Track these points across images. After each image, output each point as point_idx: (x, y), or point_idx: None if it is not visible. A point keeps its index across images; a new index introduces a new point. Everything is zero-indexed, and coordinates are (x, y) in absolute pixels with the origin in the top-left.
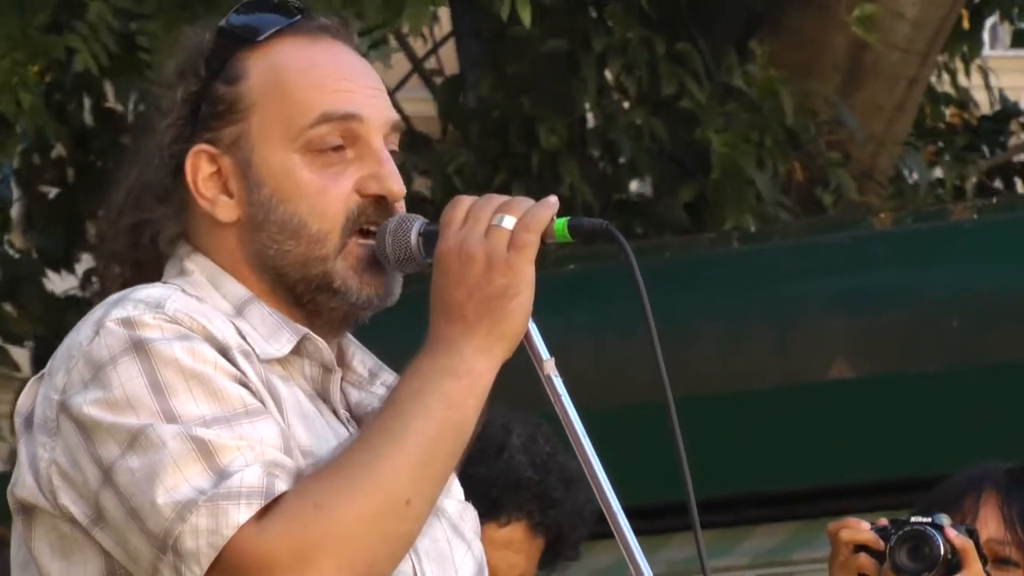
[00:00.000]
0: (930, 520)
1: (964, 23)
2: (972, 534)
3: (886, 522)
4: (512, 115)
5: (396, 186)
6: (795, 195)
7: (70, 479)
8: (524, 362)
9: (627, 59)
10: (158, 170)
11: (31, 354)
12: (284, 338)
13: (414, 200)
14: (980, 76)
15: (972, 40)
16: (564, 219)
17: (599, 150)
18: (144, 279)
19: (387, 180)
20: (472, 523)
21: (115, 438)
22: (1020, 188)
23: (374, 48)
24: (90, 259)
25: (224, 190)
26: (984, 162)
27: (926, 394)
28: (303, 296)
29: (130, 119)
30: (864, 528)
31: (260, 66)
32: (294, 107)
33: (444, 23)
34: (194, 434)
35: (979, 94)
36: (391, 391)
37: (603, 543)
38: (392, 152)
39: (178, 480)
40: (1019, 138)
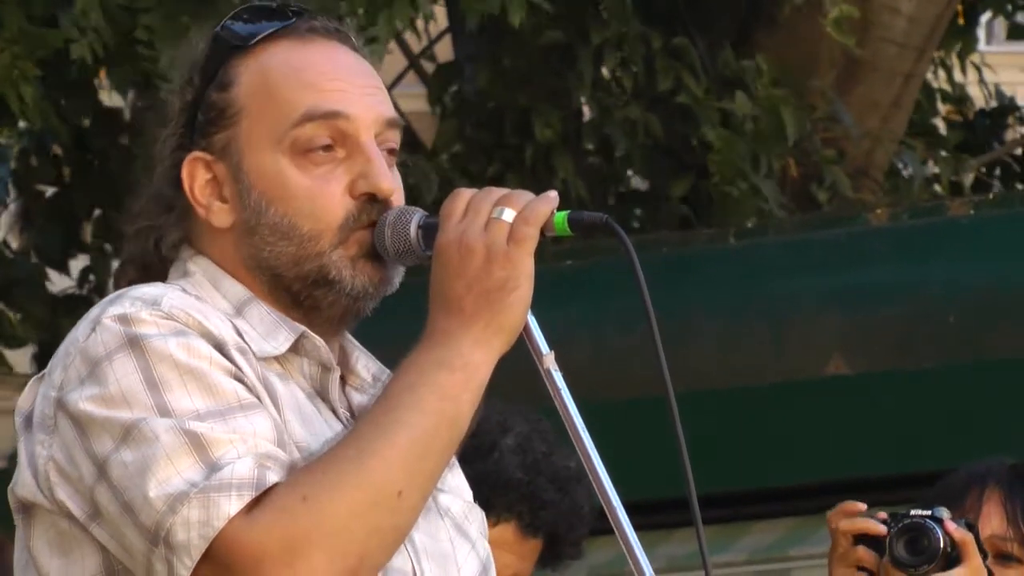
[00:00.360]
0: (930, 513)
1: (959, 19)
2: (972, 528)
3: (885, 516)
4: (507, 107)
5: (385, 184)
6: (790, 192)
7: (67, 475)
8: (524, 356)
9: (623, 53)
10: (160, 179)
11: (31, 356)
12: (282, 336)
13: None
14: (975, 72)
15: (967, 36)
16: (564, 212)
17: (594, 144)
18: (150, 281)
19: (376, 178)
20: (478, 523)
21: (109, 432)
22: (1017, 183)
23: (367, 45)
24: (86, 258)
25: (219, 196)
26: (980, 158)
27: (923, 390)
28: (300, 294)
29: (127, 116)
30: (861, 508)
31: (249, 71)
32: (279, 108)
33: (440, 19)
34: (187, 427)
35: (973, 90)
36: (387, 384)
37: (603, 539)
38: (391, 150)
39: (170, 473)
40: (1015, 133)
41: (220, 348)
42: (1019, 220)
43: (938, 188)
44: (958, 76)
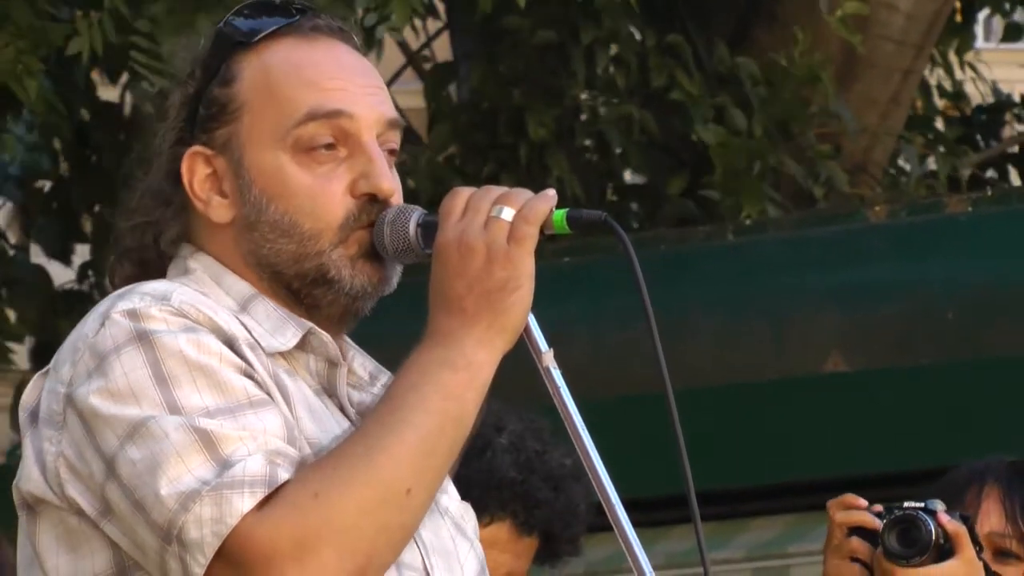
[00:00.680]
0: (923, 505)
1: (957, 16)
2: (966, 520)
3: (881, 508)
4: (502, 106)
5: (386, 184)
6: (786, 189)
7: (77, 472)
8: (522, 354)
9: (617, 51)
10: (158, 173)
11: (29, 350)
12: (289, 332)
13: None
14: (971, 69)
15: (965, 33)
16: (563, 210)
17: (589, 141)
18: (148, 278)
19: (377, 179)
20: (472, 523)
21: (115, 429)
22: (1014, 180)
23: (368, 41)
24: (86, 252)
25: (218, 191)
26: (978, 154)
27: (921, 387)
28: (300, 291)
29: (126, 112)
30: (861, 504)
31: (252, 67)
32: (282, 106)
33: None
34: (197, 425)
35: (969, 87)
36: (391, 383)
37: (601, 535)
38: (391, 150)
39: (181, 471)
40: (1012, 129)
41: (231, 344)
42: (1017, 217)
43: (935, 184)
44: (954, 72)
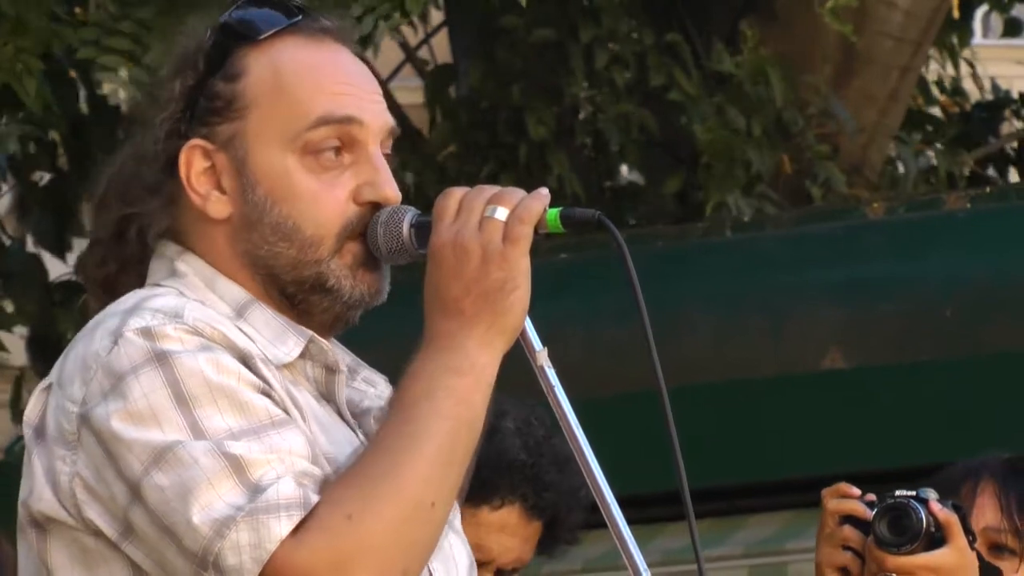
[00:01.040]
0: (914, 494)
1: (955, 12)
2: (958, 509)
3: (874, 497)
4: (501, 105)
5: (392, 192)
6: (783, 188)
7: (95, 493)
8: (516, 352)
9: (615, 50)
10: (152, 162)
11: (25, 342)
12: (291, 342)
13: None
14: (969, 66)
15: (963, 29)
16: (556, 209)
17: (588, 140)
18: (128, 277)
19: (383, 187)
20: (458, 518)
21: (140, 454)
22: (1013, 176)
23: (364, 41)
24: (83, 245)
25: (217, 186)
26: (977, 151)
27: (920, 384)
28: (295, 297)
29: (124, 108)
30: (854, 494)
31: (260, 64)
32: (293, 108)
33: (439, 14)
34: (225, 450)
35: (968, 84)
36: (398, 393)
37: (596, 533)
38: (385, 156)
39: (212, 497)
40: (1011, 126)
41: (246, 361)
42: (1016, 213)
43: (934, 181)
44: (952, 70)
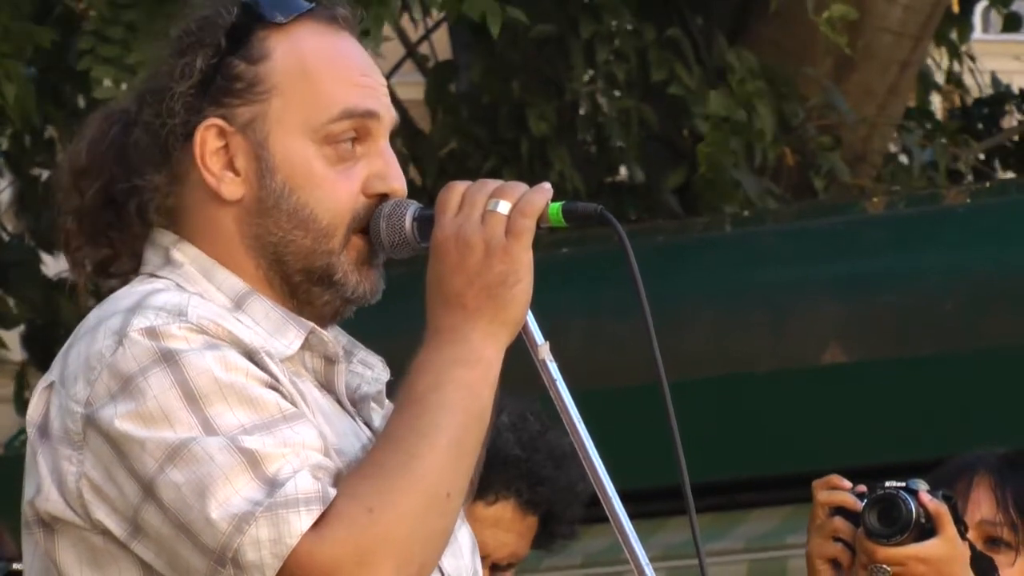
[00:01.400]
0: (904, 484)
1: (955, 7)
2: (949, 499)
3: (865, 488)
4: (502, 100)
5: (400, 185)
6: (786, 180)
7: (103, 494)
8: (518, 346)
9: (616, 46)
10: (157, 135)
11: (20, 337)
12: (291, 334)
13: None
14: (969, 60)
15: (963, 24)
16: (558, 204)
17: (589, 135)
18: (121, 260)
19: (393, 180)
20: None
21: (153, 452)
22: (1013, 171)
23: (366, 35)
24: None
25: (230, 167)
26: (978, 145)
27: (920, 378)
28: (299, 287)
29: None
30: (845, 486)
31: (283, 49)
32: (318, 98)
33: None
34: (240, 445)
35: (967, 78)
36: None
37: (598, 527)
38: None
39: (229, 492)
40: (1012, 120)
41: (252, 356)
42: (1016, 207)
43: (935, 175)
44: (952, 64)
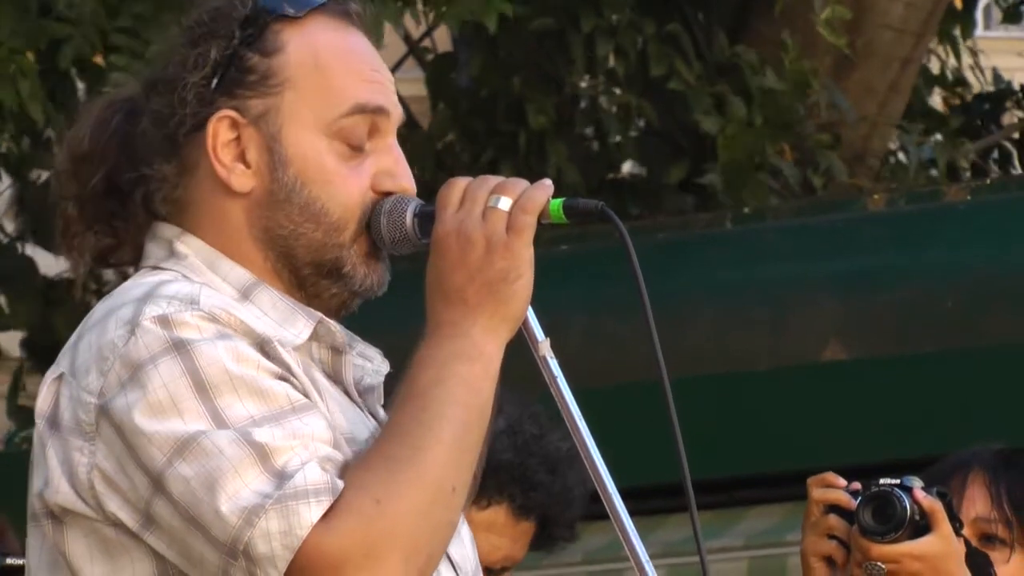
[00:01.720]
0: (898, 482)
1: (957, 2)
2: (943, 496)
3: (859, 486)
4: (501, 94)
5: (409, 184)
6: (785, 177)
7: (115, 485)
8: (519, 343)
9: (616, 40)
10: (165, 125)
11: (20, 338)
12: (300, 323)
13: None
14: (971, 57)
15: (965, 20)
16: (559, 200)
17: (589, 131)
18: (122, 250)
19: (402, 178)
20: None
21: (162, 446)
22: (1015, 166)
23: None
24: None
25: (241, 159)
26: (978, 142)
27: (921, 376)
28: (307, 280)
29: None
30: (840, 484)
31: (297, 42)
32: (332, 93)
33: None
34: (249, 438)
35: (969, 75)
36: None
37: (598, 524)
38: None
39: (238, 486)
40: (1013, 117)
41: (264, 345)
42: (1016, 205)
43: (935, 173)
44: (954, 60)
